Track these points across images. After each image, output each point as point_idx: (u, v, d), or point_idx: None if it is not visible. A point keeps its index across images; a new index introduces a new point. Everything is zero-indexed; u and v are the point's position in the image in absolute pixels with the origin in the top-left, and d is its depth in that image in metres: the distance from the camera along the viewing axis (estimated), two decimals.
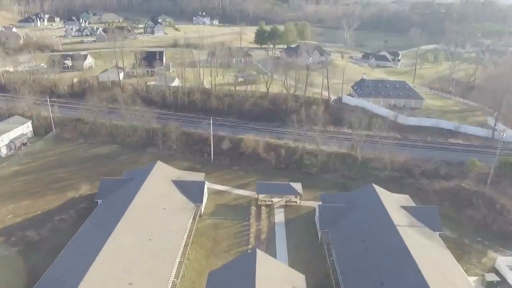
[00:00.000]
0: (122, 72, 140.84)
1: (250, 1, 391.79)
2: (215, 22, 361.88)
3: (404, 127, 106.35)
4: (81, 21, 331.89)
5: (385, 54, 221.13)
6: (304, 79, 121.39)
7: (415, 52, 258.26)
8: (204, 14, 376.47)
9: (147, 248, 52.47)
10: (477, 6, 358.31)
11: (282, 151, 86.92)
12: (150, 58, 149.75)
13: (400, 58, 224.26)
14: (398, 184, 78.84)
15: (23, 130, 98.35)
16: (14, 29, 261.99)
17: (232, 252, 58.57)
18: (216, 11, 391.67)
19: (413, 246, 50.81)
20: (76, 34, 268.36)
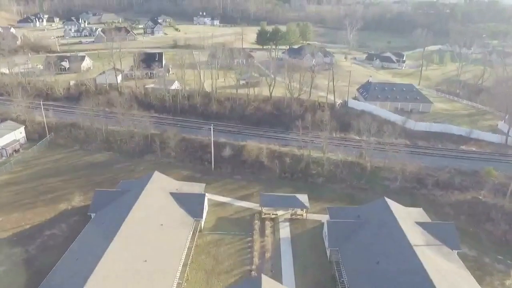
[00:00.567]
0: (120, 74, 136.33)
1: (251, 1, 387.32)
2: (216, 22, 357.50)
3: (413, 133, 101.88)
4: (80, 21, 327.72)
5: (389, 55, 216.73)
6: (308, 82, 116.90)
7: (420, 53, 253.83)
8: (204, 14, 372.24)
9: (143, 270, 48.11)
10: (481, 6, 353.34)
11: (287, 159, 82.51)
12: (149, 60, 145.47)
13: (404, 59, 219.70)
14: (409, 195, 74.49)
15: (16, 136, 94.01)
16: (12, 29, 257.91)
17: (234, 272, 54.24)
18: (217, 11, 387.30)
19: (432, 269, 46.66)
20: (75, 35, 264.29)
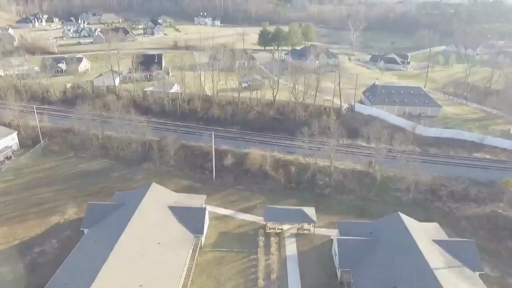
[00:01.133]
0: (118, 77, 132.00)
1: (252, 1, 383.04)
2: (217, 22, 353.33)
3: (422, 139, 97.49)
4: (79, 21, 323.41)
5: (394, 57, 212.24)
6: (312, 85, 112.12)
7: (424, 54, 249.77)
8: (205, 14, 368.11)
9: None
10: (486, 6, 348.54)
11: (292, 168, 78.18)
12: (148, 62, 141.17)
13: (409, 60, 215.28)
14: (423, 207, 70.18)
15: (8, 142, 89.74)
16: (11, 30, 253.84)
17: None
18: (217, 12, 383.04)
19: None
20: (73, 35, 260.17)
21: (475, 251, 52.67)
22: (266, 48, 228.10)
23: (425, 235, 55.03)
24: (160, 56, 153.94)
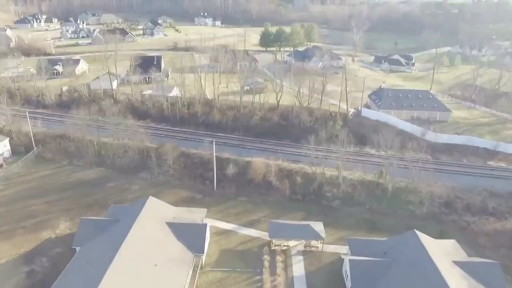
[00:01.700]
0: (116, 79, 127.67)
1: (253, 1, 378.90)
2: (218, 23, 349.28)
3: (433, 146, 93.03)
4: (78, 22, 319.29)
5: (398, 58, 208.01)
6: (317, 88, 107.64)
7: (429, 55, 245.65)
8: (206, 14, 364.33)
9: None
10: (490, 6, 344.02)
11: (298, 179, 73.95)
12: (147, 64, 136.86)
13: (414, 62, 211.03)
14: (437, 221, 66.00)
15: None
16: (9, 30, 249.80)
17: None
18: (218, 12, 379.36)
19: None
20: (72, 36, 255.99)
21: (501, 274, 48.47)
22: (268, 49, 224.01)
23: (444, 256, 50.80)
24: (159, 58, 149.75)
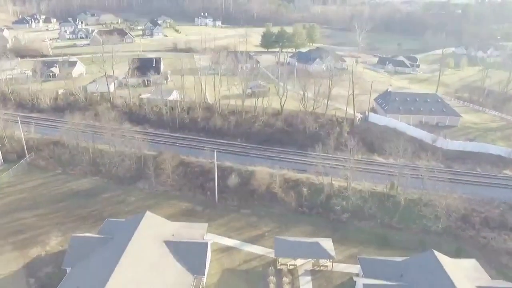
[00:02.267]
0: (113, 82, 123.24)
1: (254, 1, 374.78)
2: (218, 23, 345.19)
3: (444, 153, 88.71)
4: (77, 22, 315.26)
5: (402, 59, 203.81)
6: (322, 92, 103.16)
7: (433, 56, 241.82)
8: (206, 15, 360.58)
9: None
10: (494, 6, 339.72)
11: (304, 190, 69.63)
12: (145, 67, 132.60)
13: (418, 63, 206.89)
14: (454, 237, 61.78)
15: None
16: (6, 31, 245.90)
17: None
18: (219, 12, 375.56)
19: None
20: (70, 37, 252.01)
21: None
22: (269, 50, 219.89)
23: (466, 280, 46.61)
24: (158, 60, 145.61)
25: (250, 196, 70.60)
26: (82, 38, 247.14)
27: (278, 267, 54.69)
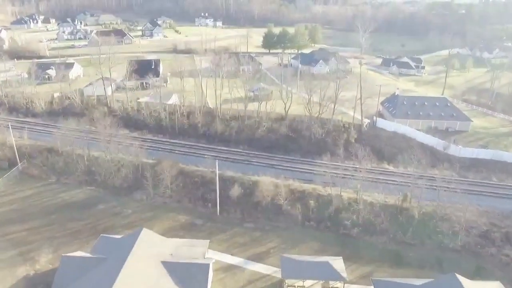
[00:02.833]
0: (110, 85, 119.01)
1: (255, 1, 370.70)
2: (219, 23, 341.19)
3: (457, 161, 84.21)
4: (76, 22, 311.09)
5: (407, 61, 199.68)
6: (327, 96, 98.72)
7: (438, 57, 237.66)
8: (207, 15, 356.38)
9: None
10: (498, 6, 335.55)
11: (311, 202, 65.59)
12: (144, 69, 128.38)
13: (423, 65, 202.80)
14: (473, 255, 57.56)
15: None
16: (3, 31, 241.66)
17: None
18: (219, 12, 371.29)
19: None
20: (68, 38, 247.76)
21: None
22: (271, 51, 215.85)
23: None
24: (157, 62, 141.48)
25: (253, 208, 66.52)
26: (80, 39, 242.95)
27: None
